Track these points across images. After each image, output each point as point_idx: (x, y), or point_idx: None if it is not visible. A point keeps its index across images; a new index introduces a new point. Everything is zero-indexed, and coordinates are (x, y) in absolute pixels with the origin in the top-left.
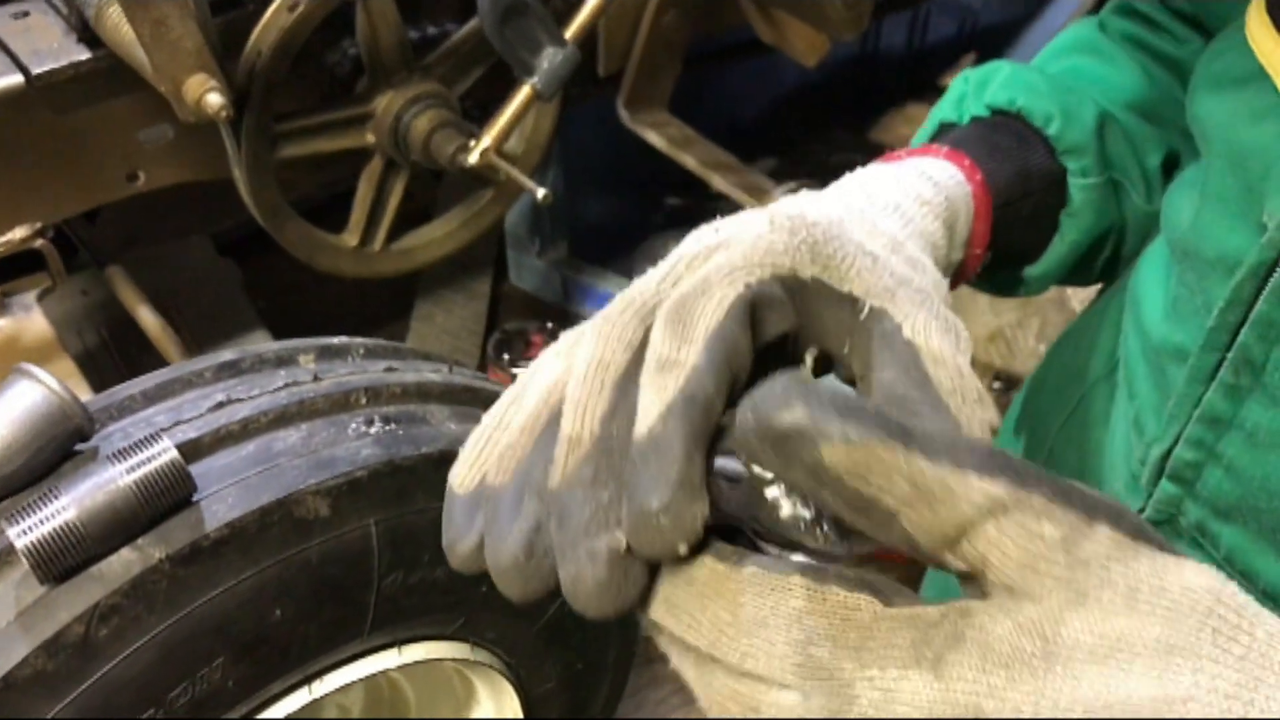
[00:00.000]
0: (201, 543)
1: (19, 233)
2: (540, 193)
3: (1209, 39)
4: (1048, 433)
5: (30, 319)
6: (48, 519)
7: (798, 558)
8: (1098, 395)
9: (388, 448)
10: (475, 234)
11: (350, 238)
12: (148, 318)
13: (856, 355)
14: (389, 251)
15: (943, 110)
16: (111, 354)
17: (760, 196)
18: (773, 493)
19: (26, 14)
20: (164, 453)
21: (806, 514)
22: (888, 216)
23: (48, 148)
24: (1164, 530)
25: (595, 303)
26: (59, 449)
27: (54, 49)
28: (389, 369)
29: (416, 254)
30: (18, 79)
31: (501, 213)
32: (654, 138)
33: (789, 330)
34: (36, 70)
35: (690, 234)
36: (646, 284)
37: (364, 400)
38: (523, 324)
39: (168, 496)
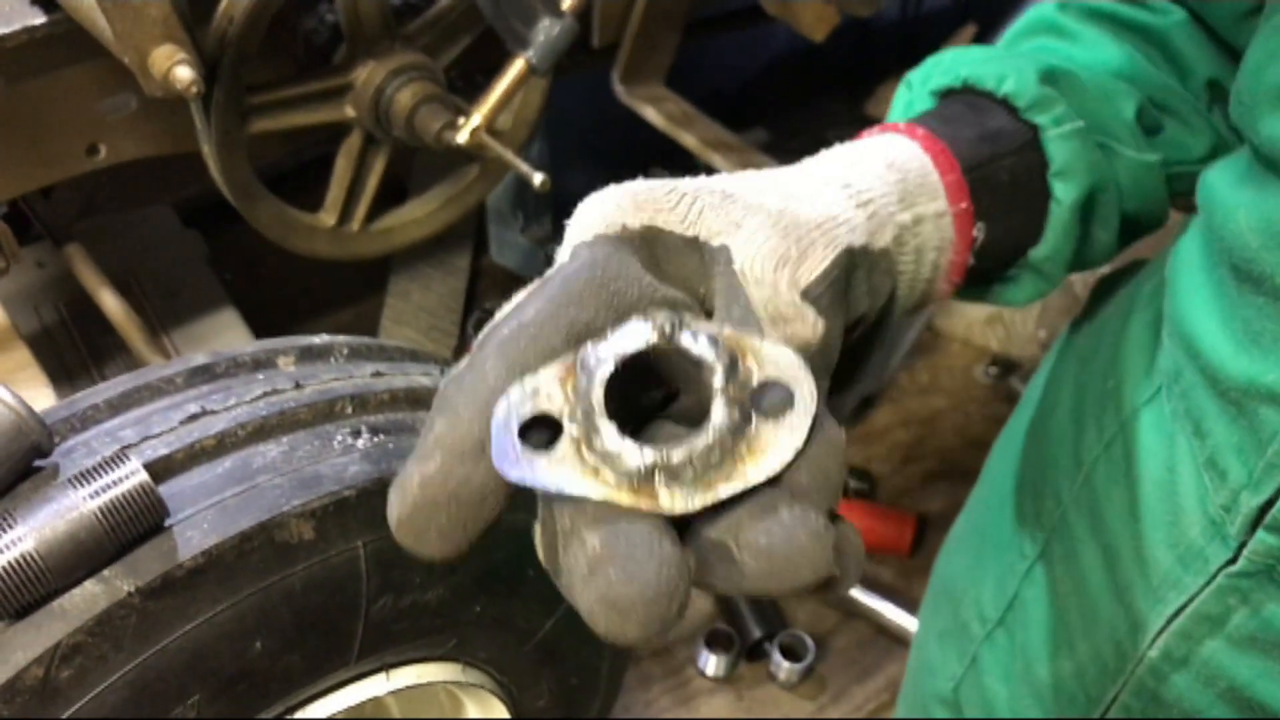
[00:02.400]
0: (174, 573)
1: None
2: (537, 178)
3: (1189, 10)
4: (1080, 460)
5: None
6: (3, 550)
7: None
8: (1142, 425)
9: (376, 463)
10: (458, 214)
11: (327, 217)
12: (110, 301)
13: (709, 293)
14: (367, 232)
15: (892, 118)
16: (71, 333)
17: None
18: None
19: None
20: (132, 475)
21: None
22: (786, 171)
23: (1, 120)
24: (1259, 580)
25: None
26: (15, 468)
27: (5, 11)
28: (376, 373)
29: (396, 234)
30: None
31: (486, 192)
32: (651, 114)
33: (658, 294)
34: None
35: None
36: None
37: (350, 409)
38: (504, 302)
39: (137, 524)
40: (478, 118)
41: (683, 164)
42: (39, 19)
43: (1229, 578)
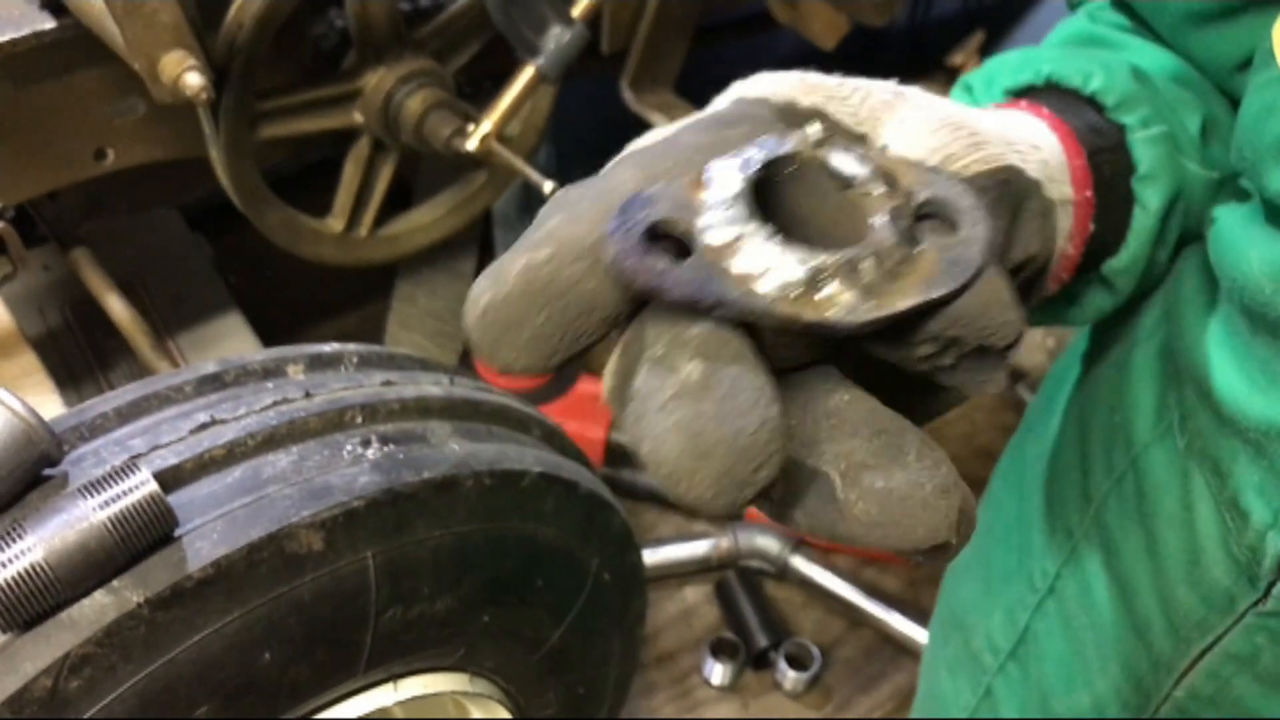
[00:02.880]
0: (184, 584)
1: None
2: (548, 185)
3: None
4: (1089, 495)
5: None
6: (12, 560)
7: None
8: (1153, 461)
9: (387, 473)
10: (465, 220)
11: (335, 223)
12: (116, 305)
13: None
14: (375, 238)
15: None
16: (76, 337)
17: None
18: (737, 264)
19: None
20: (142, 485)
21: (784, 276)
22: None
23: (8, 123)
24: None
25: None
26: (24, 477)
27: (14, 16)
28: (386, 382)
29: (403, 241)
30: None
31: (494, 198)
32: (660, 121)
33: None
34: None
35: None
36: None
37: (359, 419)
38: None
39: (146, 534)
40: (488, 125)
41: None
42: (48, 24)
43: (1258, 617)
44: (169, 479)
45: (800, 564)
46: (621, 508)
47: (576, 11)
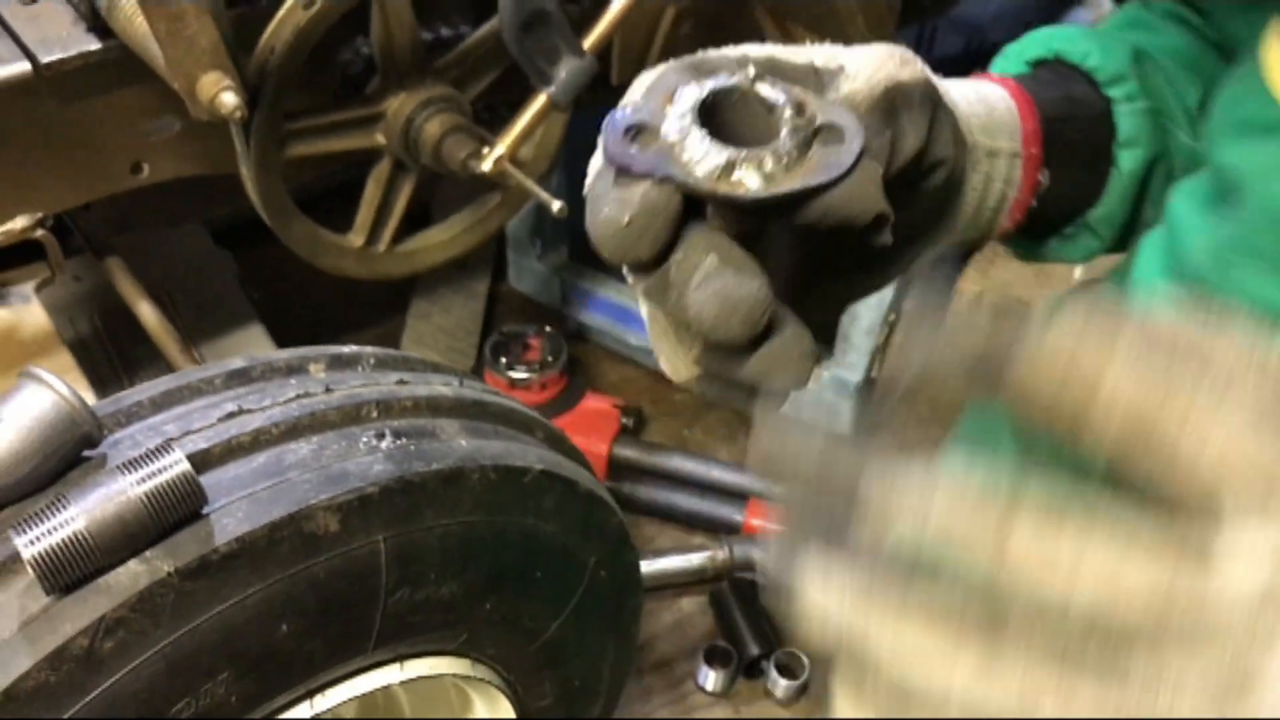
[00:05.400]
0: (210, 556)
1: (19, 223)
2: (556, 205)
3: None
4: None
5: (29, 310)
6: (56, 529)
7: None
8: None
9: (399, 463)
10: (480, 239)
11: (356, 238)
12: (147, 313)
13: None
14: (393, 253)
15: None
16: (104, 344)
17: None
18: (685, 153)
19: (35, 0)
20: (176, 464)
21: (714, 160)
22: None
23: (52, 137)
24: None
25: (594, 308)
26: (67, 456)
27: (63, 38)
28: (400, 381)
29: (420, 257)
30: (25, 67)
31: (507, 218)
32: None
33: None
34: (45, 59)
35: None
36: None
37: (375, 413)
38: (520, 327)
39: (178, 509)
40: (501, 148)
41: None
42: (94, 45)
43: None
44: (199, 461)
45: None
46: (618, 509)
47: (587, 44)
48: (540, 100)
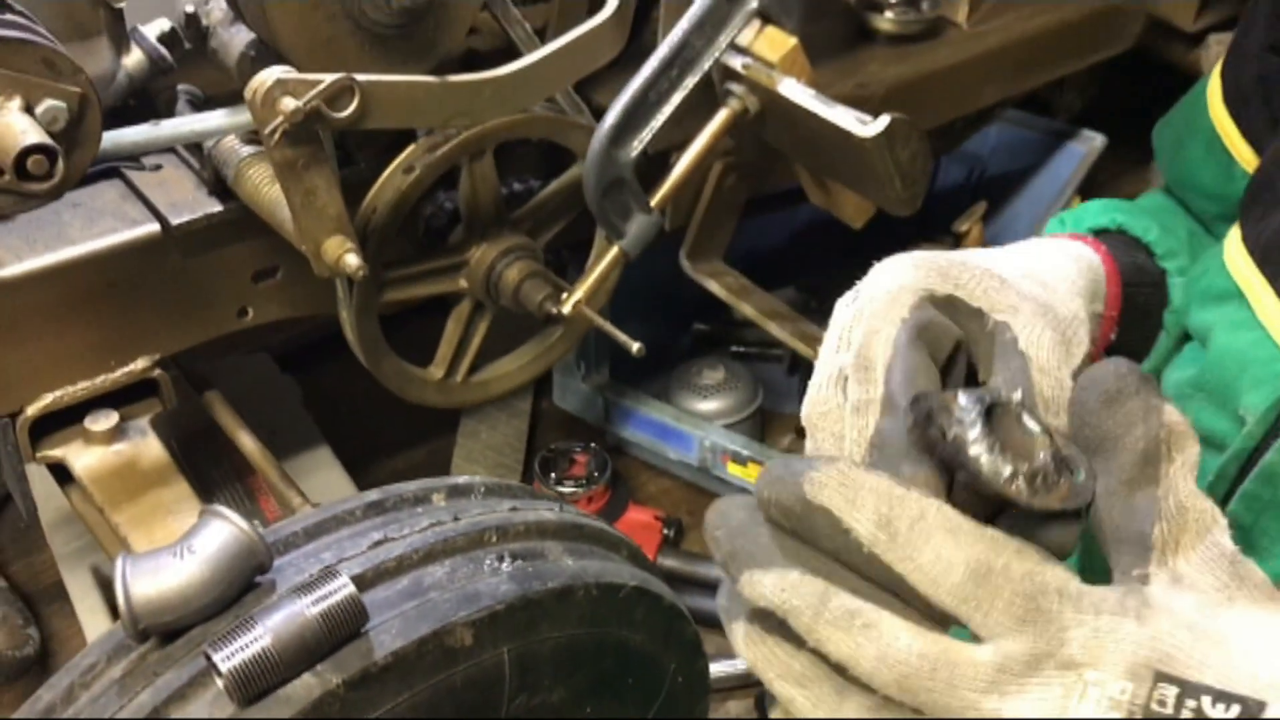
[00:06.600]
0: (370, 669)
1: (140, 363)
2: (635, 346)
3: None
4: None
5: (146, 443)
6: (247, 645)
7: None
8: None
9: (520, 583)
10: (544, 368)
11: (436, 371)
12: (247, 442)
13: (983, 360)
14: (469, 383)
15: None
16: (181, 467)
17: (813, 344)
18: (976, 450)
19: (159, 167)
20: (344, 588)
21: (1005, 469)
22: (1021, 256)
23: (174, 288)
24: None
25: (635, 425)
26: (243, 582)
27: (188, 201)
28: (513, 509)
29: (493, 385)
30: (155, 228)
31: (568, 349)
32: (715, 286)
33: (960, 340)
34: (175, 221)
35: (837, 306)
36: (828, 362)
37: (495, 538)
38: (567, 444)
39: (346, 627)
40: (580, 293)
41: (718, 316)
42: (216, 207)
43: None
44: (356, 584)
45: None
46: (692, 620)
47: (654, 201)
48: (613, 252)
